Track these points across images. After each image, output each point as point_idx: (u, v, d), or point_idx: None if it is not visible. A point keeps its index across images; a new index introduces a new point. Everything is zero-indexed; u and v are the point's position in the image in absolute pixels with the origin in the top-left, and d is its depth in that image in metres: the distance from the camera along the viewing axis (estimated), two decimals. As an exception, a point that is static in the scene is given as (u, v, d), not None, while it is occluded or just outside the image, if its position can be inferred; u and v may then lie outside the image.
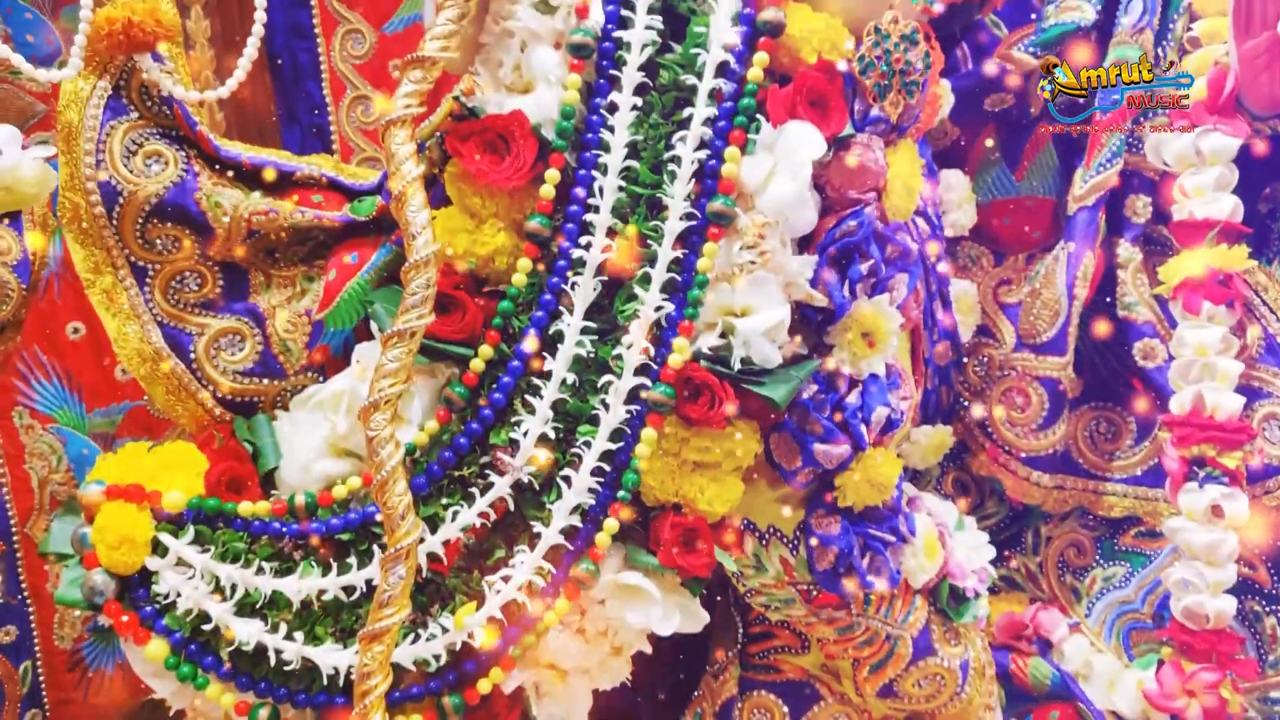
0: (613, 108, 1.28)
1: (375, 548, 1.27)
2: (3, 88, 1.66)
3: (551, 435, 1.28)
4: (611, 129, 1.27)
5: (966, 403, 1.68)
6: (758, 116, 1.26)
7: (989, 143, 1.65)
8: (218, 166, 1.39)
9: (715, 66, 1.26)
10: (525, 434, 1.27)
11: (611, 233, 1.28)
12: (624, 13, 1.29)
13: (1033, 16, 1.62)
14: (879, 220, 1.32)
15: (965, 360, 1.68)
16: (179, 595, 1.24)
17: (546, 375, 1.28)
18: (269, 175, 1.39)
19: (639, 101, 1.28)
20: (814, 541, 1.35)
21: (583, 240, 1.28)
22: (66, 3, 1.68)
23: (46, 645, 1.80)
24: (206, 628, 1.25)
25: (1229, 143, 1.47)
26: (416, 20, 1.97)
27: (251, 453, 1.34)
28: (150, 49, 1.23)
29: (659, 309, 1.26)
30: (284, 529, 1.28)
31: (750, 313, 1.26)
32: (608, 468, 1.27)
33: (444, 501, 1.29)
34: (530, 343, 1.27)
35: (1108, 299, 1.59)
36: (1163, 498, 1.61)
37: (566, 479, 1.27)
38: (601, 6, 1.29)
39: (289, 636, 1.25)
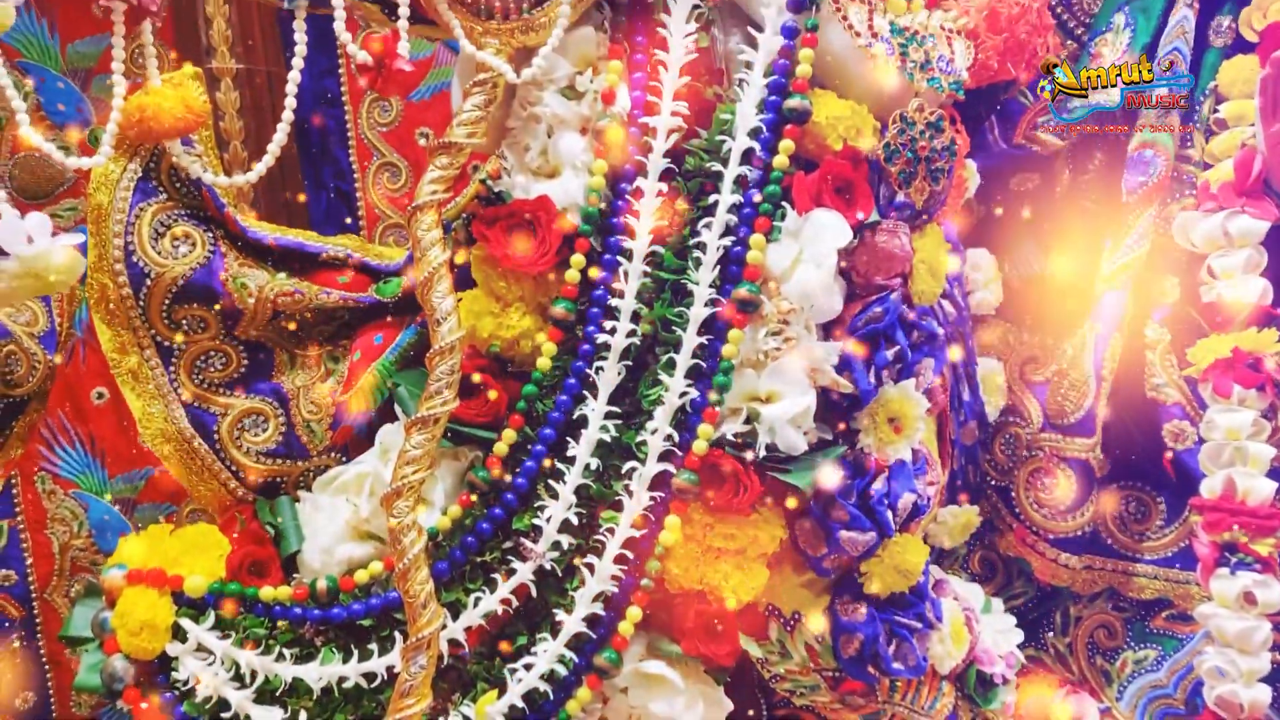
0: (638, 193, 1.28)
1: (396, 634, 1.26)
2: (35, 156, 1.68)
3: (575, 521, 1.27)
4: (637, 214, 1.28)
5: (993, 482, 1.66)
6: (783, 203, 1.26)
7: (1024, 214, 1.64)
8: (242, 244, 1.40)
9: (741, 153, 1.26)
10: (548, 520, 1.26)
11: (636, 317, 1.28)
12: (650, 99, 1.30)
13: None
14: (905, 305, 1.31)
15: (992, 439, 1.66)
16: (199, 682, 1.23)
17: (570, 460, 1.27)
18: (295, 257, 1.40)
19: (664, 187, 1.28)
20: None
21: (607, 325, 1.28)
22: (98, 72, 1.71)
23: (64, 712, 1.79)
24: (226, 715, 1.23)
25: (1257, 225, 1.45)
26: (444, 88, 2.00)
27: (274, 535, 1.33)
28: (180, 136, 1.24)
29: (683, 394, 1.25)
30: (305, 614, 1.27)
31: (775, 399, 1.26)
32: (631, 555, 1.26)
33: (466, 586, 1.28)
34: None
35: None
36: (1194, 580, 1.58)
37: (589, 566, 1.26)
38: (627, 92, 1.30)
39: (309, 725, 1.24)
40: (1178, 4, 1.52)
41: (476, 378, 1.29)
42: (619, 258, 1.28)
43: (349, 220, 2.03)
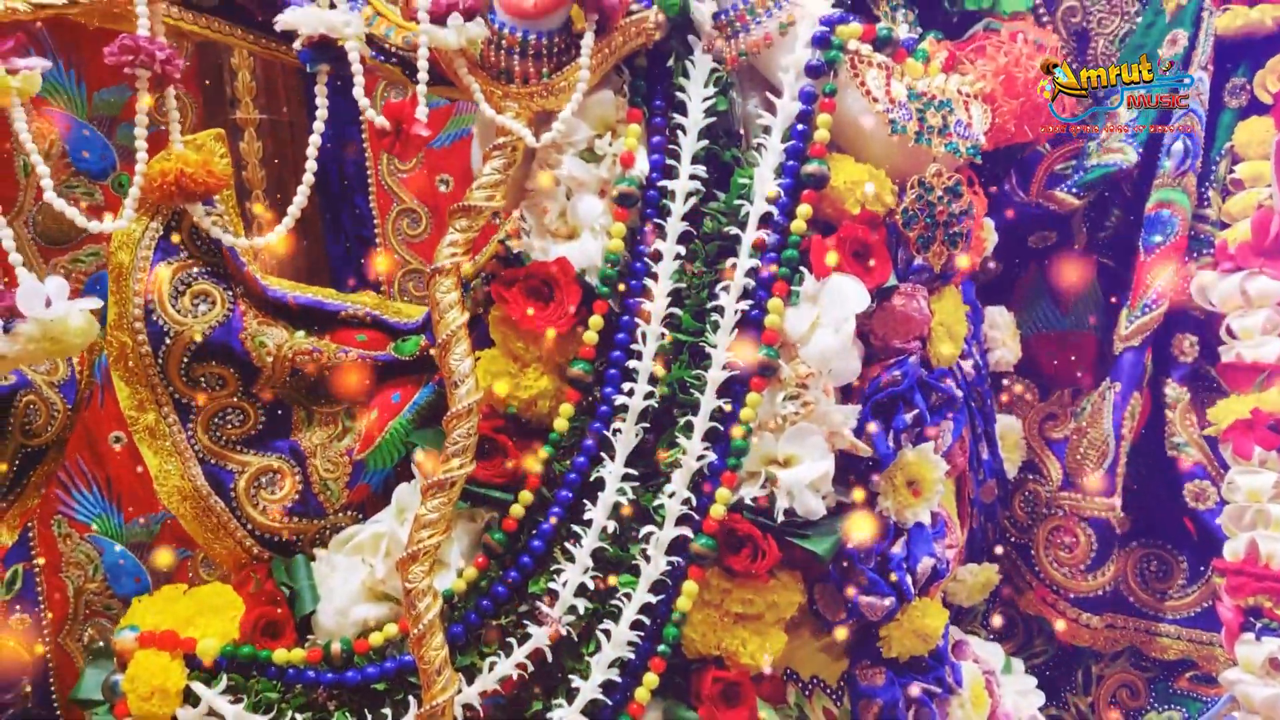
0: (656, 256, 1.29)
1: (411, 698, 1.25)
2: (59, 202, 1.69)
3: (591, 585, 1.26)
4: (655, 276, 1.28)
5: (1013, 539, 1.65)
6: (801, 268, 1.26)
7: (1042, 271, 1.64)
8: (261, 302, 1.40)
9: (759, 218, 1.27)
10: (564, 584, 1.26)
11: (654, 379, 1.28)
12: (669, 162, 1.30)
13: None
14: (923, 368, 1.31)
15: (1011, 496, 1.65)
16: (210, 747, 1.22)
17: (587, 523, 1.26)
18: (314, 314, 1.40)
19: (682, 250, 1.29)
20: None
21: (625, 387, 1.27)
22: (123, 120, 1.72)
23: (77, 759, 1.78)
24: (238, 780, 1.22)
25: (1276, 286, 1.45)
26: (464, 135, 2.01)
27: (288, 595, 1.33)
28: (202, 199, 1.25)
29: (701, 458, 1.25)
30: (319, 677, 1.26)
31: (794, 463, 1.25)
32: (648, 620, 1.25)
33: (482, 650, 1.27)
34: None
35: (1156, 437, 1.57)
36: (1218, 642, 1.56)
37: (606, 631, 1.25)
38: (646, 156, 1.31)
39: (320, 791, 1.23)
40: (1193, 65, 1.52)
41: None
42: (637, 319, 1.28)
43: (366, 262, 2.04)
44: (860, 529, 1.26)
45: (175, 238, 1.36)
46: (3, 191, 1.68)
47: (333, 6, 1.20)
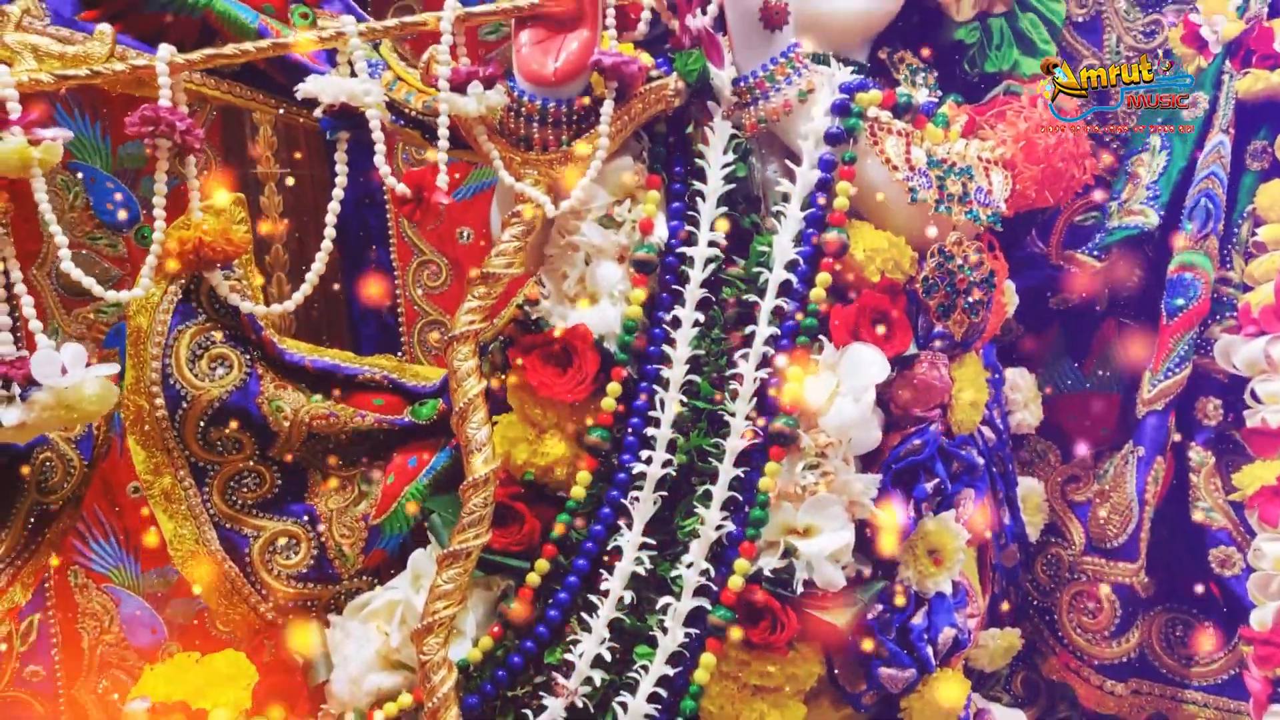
0: (675, 322, 1.28)
1: (424, 770, 1.23)
2: (82, 253, 1.70)
3: (607, 656, 1.25)
4: (673, 343, 1.28)
5: (1035, 603, 1.62)
6: (820, 336, 1.25)
7: (1063, 333, 1.63)
8: (279, 366, 1.40)
9: (778, 285, 1.26)
10: (581, 655, 1.24)
11: (672, 446, 1.27)
12: (687, 228, 1.30)
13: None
14: (944, 436, 1.30)
15: (1034, 559, 1.63)
16: (222, 819, 1.21)
17: (604, 592, 1.25)
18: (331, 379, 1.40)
19: (701, 317, 1.28)
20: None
21: (643, 454, 1.27)
22: (146, 172, 1.73)
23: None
24: None
25: (1301, 350, 1.43)
26: (485, 188, 2.01)
27: (302, 663, 1.32)
28: (220, 267, 1.25)
29: (720, 528, 1.24)
30: (331, 750, 1.25)
31: (814, 533, 1.24)
32: (665, 693, 1.24)
33: (497, 722, 1.26)
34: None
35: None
36: (1246, 711, 1.52)
37: (623, 704, 1.23)
38: (665, 222, 1.31)
39: None
40: (1214, 128, 1.52)
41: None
42: (655, 386, 1.28)
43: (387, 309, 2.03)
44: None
45: (193, 301, 1.37)
46: (27, 244, 1.69)
47: (353, 72, 1.21)
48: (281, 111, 1.41)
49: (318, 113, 1.18)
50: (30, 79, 1.11)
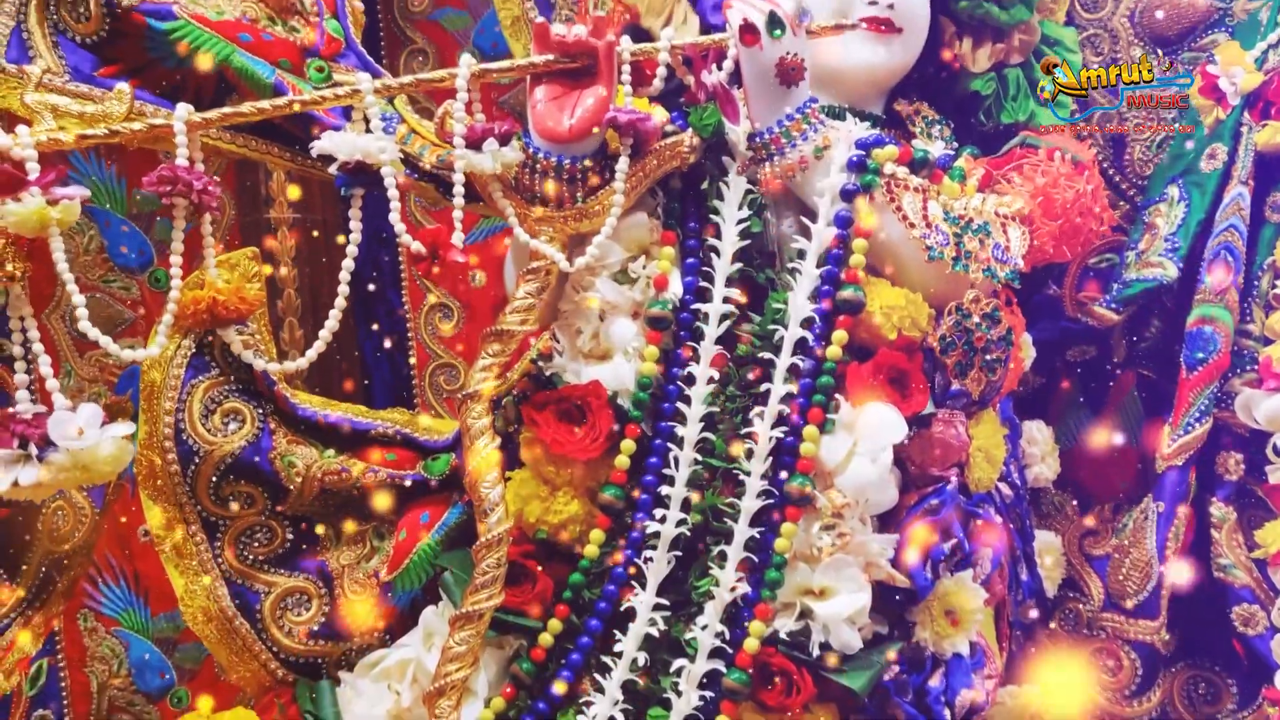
0: (690, 379, 1.27)
1: (435, 835, 1.22)
2: (96, 296, 1.71)
3: (621, 719, 1.23)
4: (688, 400, 1.27)
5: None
6: (837, 394, 1.24)
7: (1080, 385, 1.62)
8: (291, 420, 1.40)
9: (794, 343, 1.25)
10: (594, 717, 1.22)
11: (686, 505, 1.26)
12: (702, 284, 1.29)
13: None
14: (961, 494, 1.28)
15: (1051, 614, 1.61)
16: None
17: (617, 654, 1.24)
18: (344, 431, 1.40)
19: (716, 374, 1.27)
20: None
21: (657, 513, 1.25)
22: (160, 215, 1.74)
23: None
24: None
25: (1323, 405, 1.42)
26: (497, 231, 2.01)
27: (312, 722, 1.31)
28: (234, 324, 1.25)
29: (735, 589, 1.22)
30: (342, 811, 1.23)
31: (830, 594, 1.22)
32: (680, 756, 1.22)
33: (510, 784, 1.24)
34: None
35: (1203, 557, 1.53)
36: (1271, 773, 1.50)
37: (637, 768, 1.22)
38: (680, 278, 1.30)
39: None
40: (1232, 180, 1.51)
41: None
42: (669, 444, 1.27)
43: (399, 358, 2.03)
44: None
45: (207, 354, 1.37)
46: (43, 288, 1.70)
47: (368, 127, 1.21)
48: (297, 165, 1.41)
49: (333, 169, 1.18)
50: (50, 139, 1.12)
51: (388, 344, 2.00)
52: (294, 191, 1.87)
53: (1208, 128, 1.55)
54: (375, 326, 2.01)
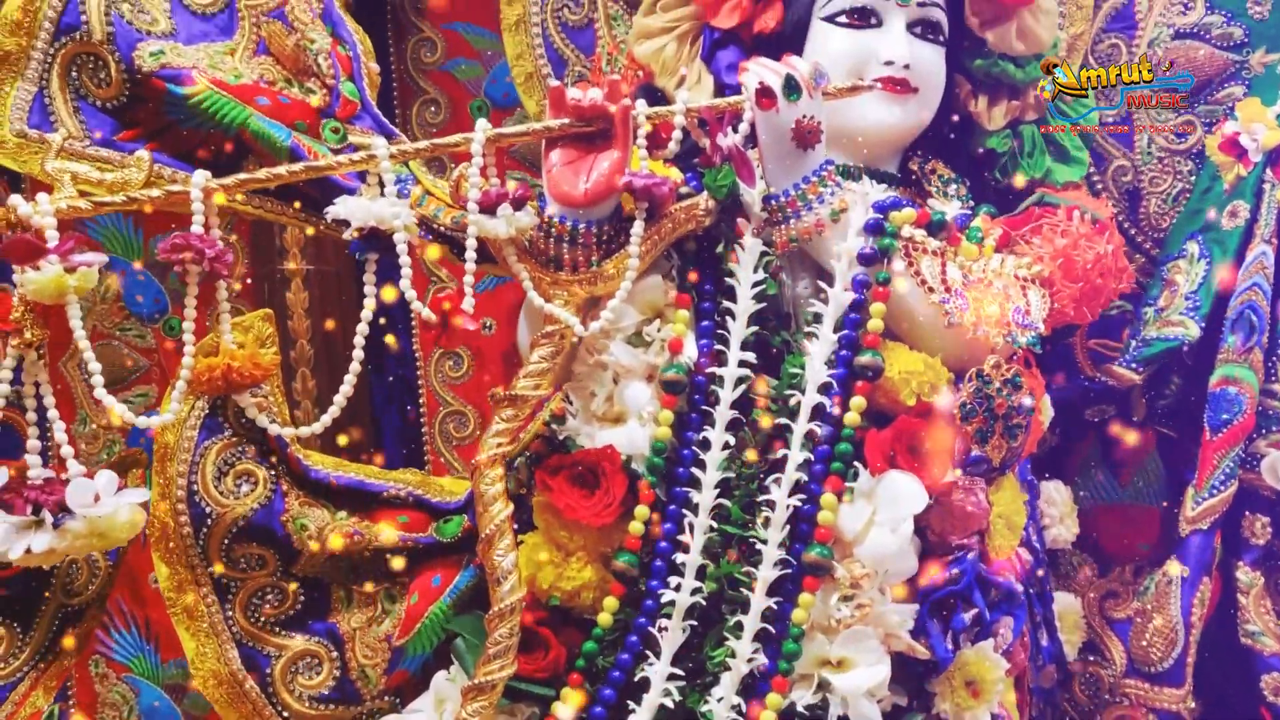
0: (705, 444, 1.26)
1: None
2: (111, 344, 1.71)
3: (635, 792, 1.21)
4: (703, 466, 1.25)
5: (1078, 725, 1.58)
6: (855, 462, 1.22)
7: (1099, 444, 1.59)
8: (303, 482, 1.39)
9: (811, 409, 1.24)
10: (608, 790, 1.21)
11: (702, 573, 1.24)
12: (717, 347, 1.28)
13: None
14: (982, 562, 1.26)
15: (1072, 678, 1.57)
16: None
17: (632, 724, 1.22)
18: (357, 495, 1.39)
19: (731, 439, 1.26)
20: None
21: (672, 581, 1.24)
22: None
23: None
24: None
25: (1351, 468, 1.39)
26: (504, 281, 2.01)
27: (322, 790, 1.29)
28: (248, 390, 1.25)
29: (751, 660, 1.20)
30: None
31: (848, 666, 1.20)
32: (695, 831, 1.20)
33: None
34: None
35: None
36: (1299, 844, 1.46)
37: (650, 842, 1.19)
38: (694, 341, 1.29)
39: None
40: (1255, 239, 1.49)
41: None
42: (684, 510, 1.25)
43: (409, 407, 2.03)
44: None
45: (220, 415, 1.36)
46: (61, 335, 1.71)
47: (382, 187, 1.20)
48: (311, 225, 1.41)
49: (347, 235, 1.18)
50: (69, 206, 1.12)
51: (397, 391, 2.00)
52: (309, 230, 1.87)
53: (1229, 184, 1.54)
54: (385, 374, 2.01)
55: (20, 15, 1.26)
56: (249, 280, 1.83)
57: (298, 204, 1.38)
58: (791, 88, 1.24)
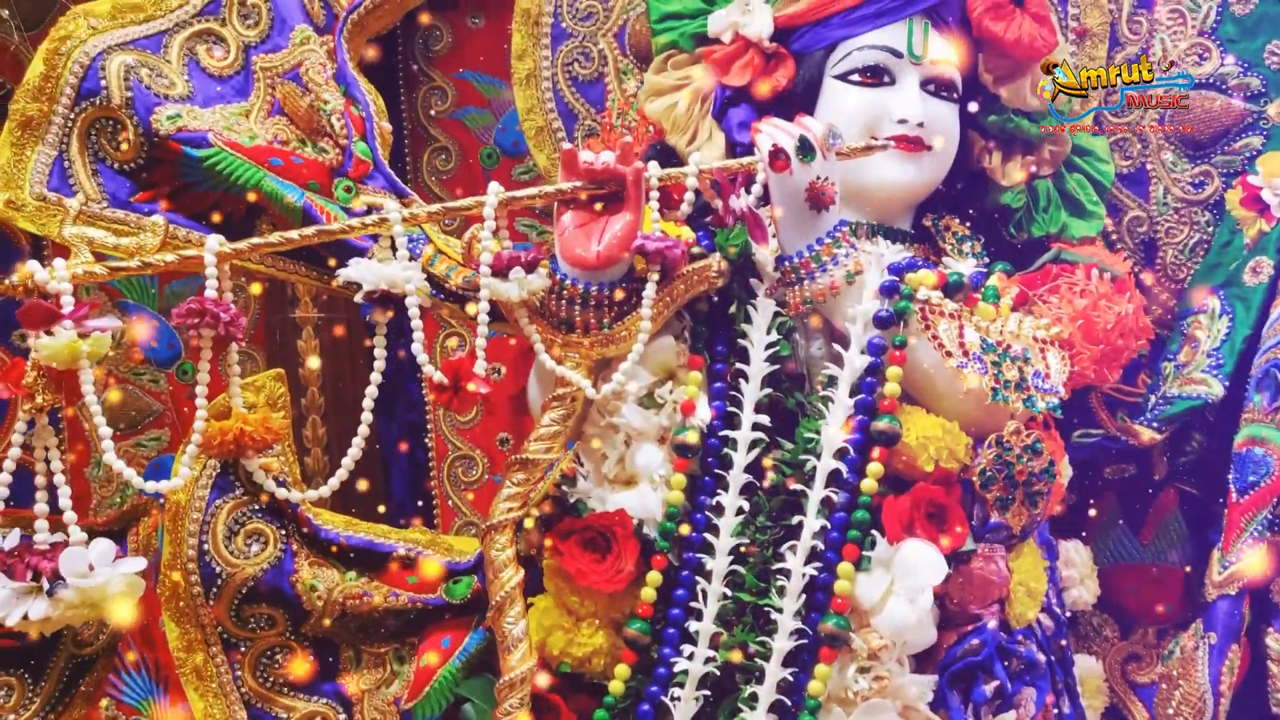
0: (718, 509, 1.24)
1: None
2: (126, 389, 1.71)
3: None
4: (716, 531, 1.24)
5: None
6: (872, 530, 1.20)
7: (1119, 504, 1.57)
8: (313, 542, 1.38)
9: (826, 474, 1.22)
10: None
11: (715, 642, 1.22)
12: (730, 410, 1.27)
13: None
14: (1002, 631, 1.24)
15: (1095, 744, 1.54)
16: None
17: (643, 797, 1.20)
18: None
19: (745, 504, 1.24)
20: None
21: (684, 649, 1.22)
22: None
23: None
24: None
25: (1382, 529, 1.36)
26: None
27: None
28: (260, 453, 1.24)
29: (766, 732, 1.18)
30: None
31: (865, 739, 1.18)
32: None
33: None
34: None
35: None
36: None
37: None
38: (707, 404, 1.27)
39: None
40: (1279, 296, 1.46)
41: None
42: (697, 577, 1.23)
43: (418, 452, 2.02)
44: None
45: (231, 474, 1.36)
46: (75, 382, 1.71)
47: (394, 248, 1.20)
48: (323, 285, 1.41)
49: (358, 298, 1.18)
50: (85, 272, 1.13)
51: (406, 437, 1.99)
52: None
53: (1250, 240, 1.51)
54: (394, 419, 2.00)
55: (42, 81, 1.27)
56: (260, 328, 1.84)
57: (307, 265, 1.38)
58: (805, 149, 1.23)
